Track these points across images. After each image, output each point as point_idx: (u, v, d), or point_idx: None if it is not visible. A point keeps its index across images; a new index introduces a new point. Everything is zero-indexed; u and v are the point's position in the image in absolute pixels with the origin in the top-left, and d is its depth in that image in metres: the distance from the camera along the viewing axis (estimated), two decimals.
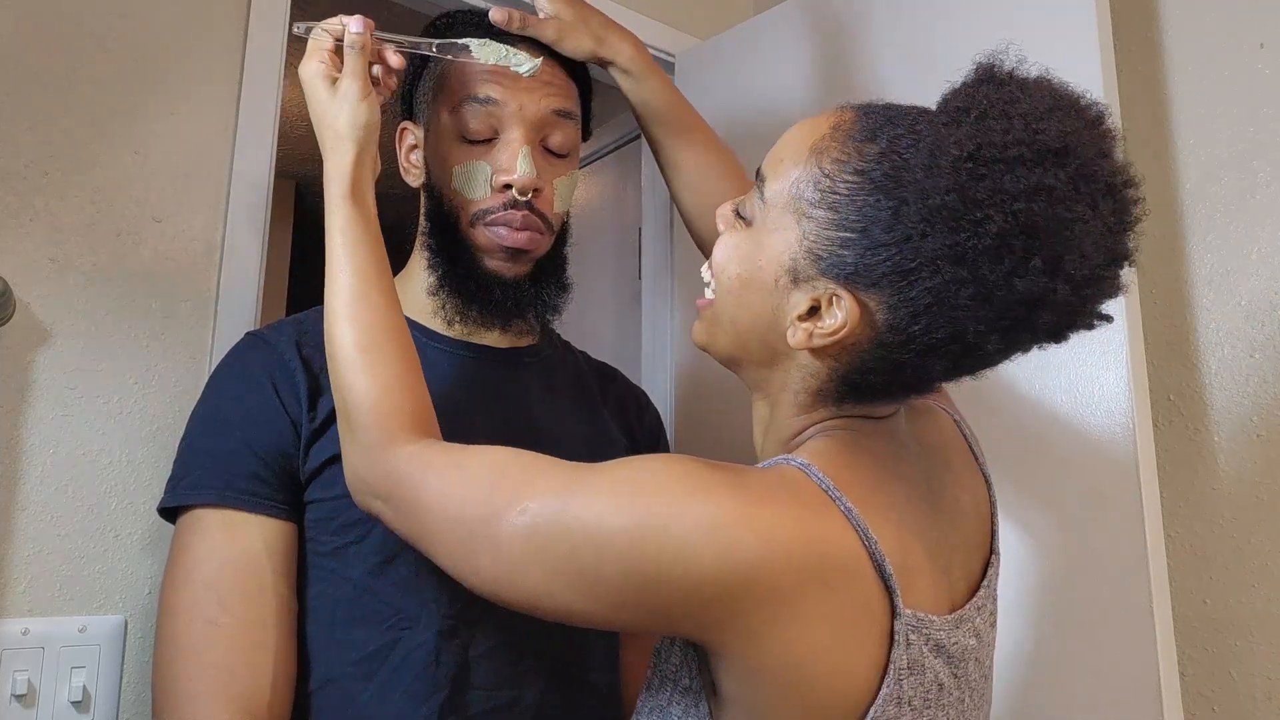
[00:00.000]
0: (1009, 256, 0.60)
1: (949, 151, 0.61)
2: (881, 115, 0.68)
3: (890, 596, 0.64)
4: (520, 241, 0.95)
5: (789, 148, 0.71)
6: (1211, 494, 1.18)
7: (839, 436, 0.71)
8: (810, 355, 0.70)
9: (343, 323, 0.79)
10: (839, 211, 0.66)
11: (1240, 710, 1.12)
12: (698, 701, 0.67)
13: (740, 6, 1.84)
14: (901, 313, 0.64)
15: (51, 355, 1.04)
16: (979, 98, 0.63)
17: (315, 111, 0.85)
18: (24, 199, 1.04)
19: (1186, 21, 1.27)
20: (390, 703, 0.85)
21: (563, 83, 0.99)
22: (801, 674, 0.62)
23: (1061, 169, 0.60)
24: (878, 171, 0.64)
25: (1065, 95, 0.64)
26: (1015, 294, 0.61)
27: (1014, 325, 0.64)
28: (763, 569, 0.60)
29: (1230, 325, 1.18)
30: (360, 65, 0.85)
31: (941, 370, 0.69)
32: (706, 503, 0.61)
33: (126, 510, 1.06)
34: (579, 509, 0.63)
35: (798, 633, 0.61)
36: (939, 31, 1.28)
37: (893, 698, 0.64)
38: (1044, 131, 0.61)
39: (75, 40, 1.09)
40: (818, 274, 0.67)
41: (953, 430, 0.83)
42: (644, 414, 1.15)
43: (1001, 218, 0.60)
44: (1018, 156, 0.60)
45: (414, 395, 0.78)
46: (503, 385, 1.00)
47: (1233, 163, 1.20)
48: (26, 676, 0.97)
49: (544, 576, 0.64)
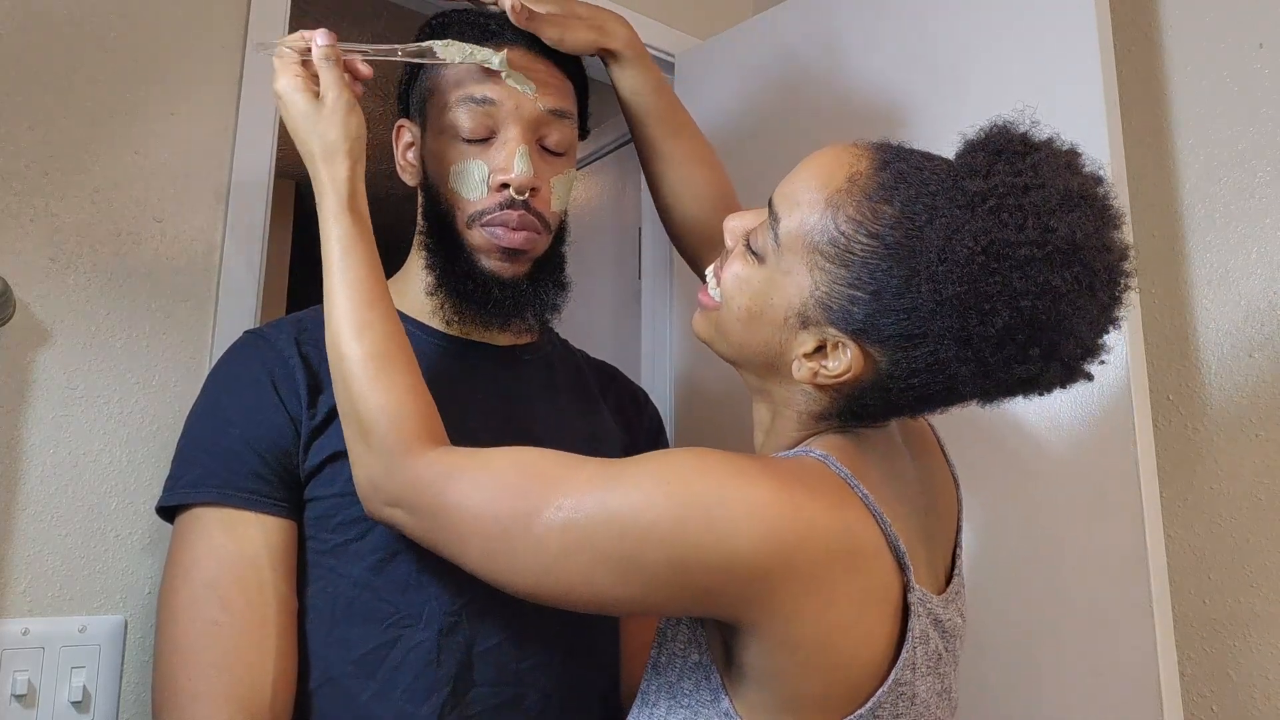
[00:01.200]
0: (1011, 346, 0.65)
1: (965, 243, 0.64)
2: (896, 171, 0.69)
3: (904, 573, 0.69)
4: (517, 242, 0.95)
5: (805, 191, 0.72)
6: (1211, 494, 1.18)
7: (847, 436, 0.75)
8: (813, 387, 0.74)
9: (349, 335, 0.80)
10: (852, 270, 0.69)
11: (1240, 710, 1.12)
12: (709, 674, 0.71)
13: (740, 6, 1.84)
14: (903, 367, 0.69)
15: (51, 355, 1.04)
16: (994, 181, 0.65)
17: (299, 125, 0.86)
18: (24, 199, 1.04)
19: (1186, 21, 1.27)
20: (391, 701, 0.85)
21: (559, 82, 0.99)
22: (829, 647, 0.66)
23: (1068, 269, 0.64)
24: (892, 238, 0.67)
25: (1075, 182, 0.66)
26: (1013, 375, 0.67)
27: (1006, 393, 0.70)
28: (799, 550, 0.64)
29: (1230, 325, 1.18)
30: (340, 76, 0.86)
31: (935, 408, 0.75)
32: (745, 488, 0.65)
33: (126, 510, 1.06)
34: (619, 500, 0.66)
35: (827, 609, 0.65)
36: (938, 32, 1.28)
37: (909, 663, 0.69)
38: (1055, 231, 0.64)
39: (75, 40, 1.09)
40: (826, 322, 0.70)
41: (931, 436, 0.87)
42: (643, 412, 1.15)
43: (1008, 313, 0.64)
44: (1029, 257, 0.63)
45: (426, 403, 0.79)
46: (502, 383, 1.00)
47: (1233, 163, 1.20)
48: (26, 676, 0.97)
49: (585, 567, 0.67)
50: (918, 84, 1.29)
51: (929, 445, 0.86)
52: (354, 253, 0.82)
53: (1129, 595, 1.01)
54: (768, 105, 1.51)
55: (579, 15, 1.02)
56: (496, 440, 0.77)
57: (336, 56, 0.86)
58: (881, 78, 1.34)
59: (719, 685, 0.70)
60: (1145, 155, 1.28)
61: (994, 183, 0.65)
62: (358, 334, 0.79)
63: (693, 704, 0.71)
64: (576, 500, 0.67)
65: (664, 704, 0.73)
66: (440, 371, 0.96)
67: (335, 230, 0.83)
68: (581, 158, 2.05)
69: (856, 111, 1.35)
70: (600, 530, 0.66)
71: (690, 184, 1.07)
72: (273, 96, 0.87)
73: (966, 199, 0.66)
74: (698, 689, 0.71)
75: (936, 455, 0.86)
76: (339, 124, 0.84)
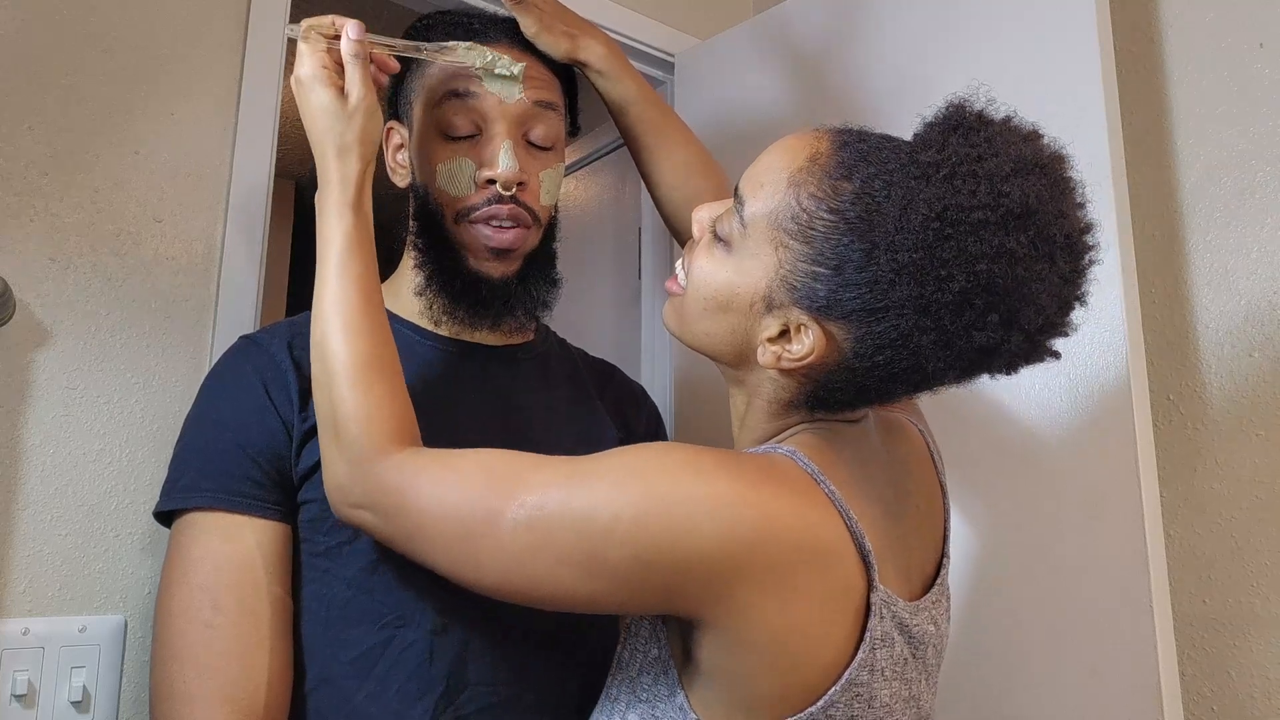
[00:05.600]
0: (969, 311, 0.65)
1: (919, 210, 0.65)
2: (855, 151, 0.70)
3: (868, 572, 0.69)
4: (506, 242, 0.95)
5: (768, 173, 0.73)
6: (1211, 494, 1.18)
7: (818, 434, 0.75)
8: (779, 373, 0.74)
9: (339, 335, 0.79)
10: (814, 246, 0.69)
11: (1240, 710, 1.12)
12: (667, 669, 0.71)
13: (740, 6, 1.84)
14: (867, 344, 0.69)
15: (51, 355, 1.04)
16: (948, 152, 0.66)
17: (318, 120, 0.83)
18: (24, 199, 1.04)
19: (1186, 21, 1.27)
20: (385, 701, 0.85)
21: (543, 75, 1.00)
22: (786, 647, 0.65)
23: (1023, 232, 0.64)
24: (852, 213, 0.68)
25: (1029, 150, 0.67)
26: (973, 343, 0.66)
27: (970, 366, 0.69)
28: (759, 546, 0.63)
29: (1230, 325, 1.18)
30: (367, 75, 0.85)
31: (903, 390, 0.74)
32: (707, 483, 0.64)
33: (126, 510, 1.06)
34: (581, 497, 0.66)
35: (786, 608, 0.65)
36: (938, 32, 1.28)
37: (866, 664, 0.68)
38: (1008, 195, 0.64)
39: (75, 40, 1.09)
40: (790, 303, 0.71)
41: (920, 443, 0.87)
42: (641, 409, 1.15)
43: (964, 277, 0.64)
44: (982, 220, 0.64)
45: (403, 407, 0.79)
46: (495, 383, 1.00)
47: (1233, 163, 1.20)
48: (26, 676, 0.97)
49: (549, 565, 0.66)
50: (917, 83, 1.28)
51: (919, 456, 0.85)
52: (354, 252, 0.82)
53: (1129, 595, 1.01)
54: (768, 105, 1.51)
55: (563, 21, 1.03)
56: (489, 441, 0.77)
57: (366, 53, 0.85)
58: (881, 77, 1.34)
59: (675, 680, 0.70)
60: (1145, 155, 1.28)
61: (948, 154, 0.66)
62: (347, 335, 0.79)
63: (650, 698, 0.72)
64: (539, 498, 0.67)
65: (624, 699, 0.74)
66: (431, 372, 0.96)
67: (338, 226, 0.82)
68: (581, 158, 2.05)
69: (856, 111, 1.35)
70: (562, 528, 0.66)
71: (686, 192, 1.08)
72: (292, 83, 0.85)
73: (921, 170, 0.67)
74: (656, 683, 0.72)
75: (926, 466, 0.85)
76: (359, 126, 0.83)
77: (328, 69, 0.84)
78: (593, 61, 1.06)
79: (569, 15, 1.06)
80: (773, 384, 0.75)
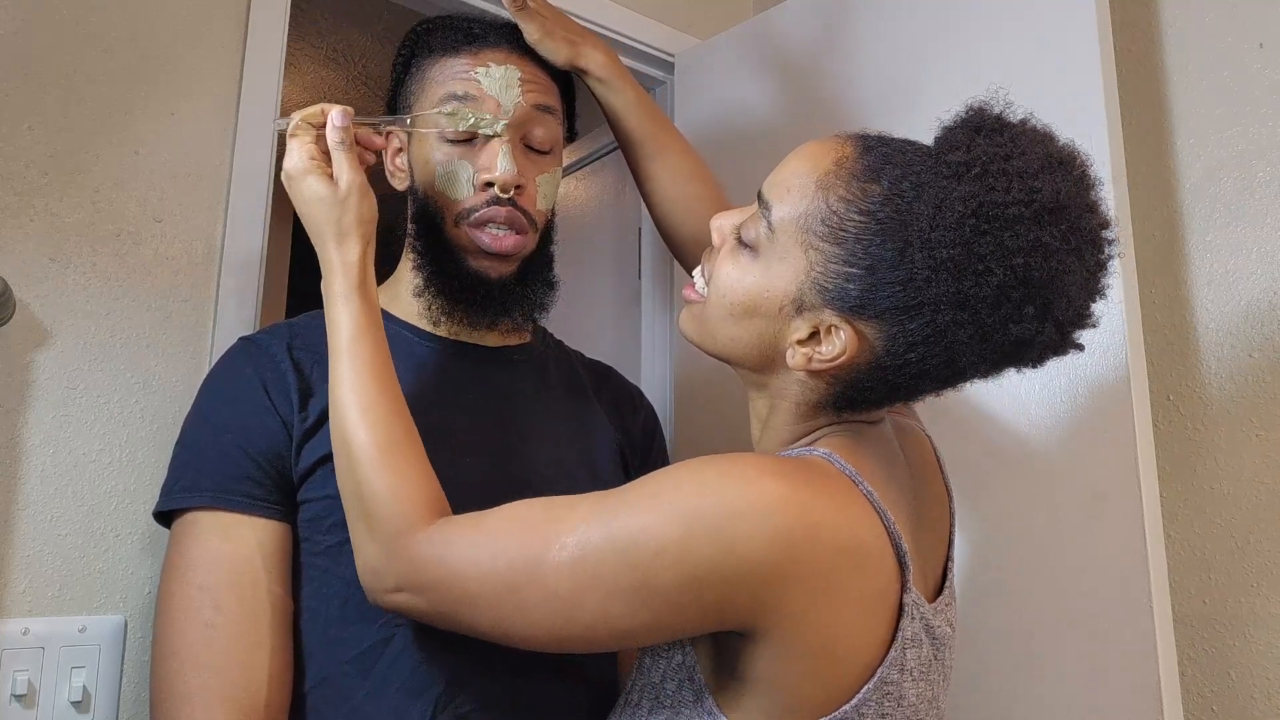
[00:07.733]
0: (1006, 304, 0.66)
1: (954, 208, 0.66)
2: (880, 154, 0.71)
3: (903, 573, 0.69)
4: (505, 247, 0.95)
5: (795, 177, 0.74)
6: (1211, 494, 1.18)
7: (848, 435, 0.75)
8: (808, 374, 0.74)
9: (356, 420, 0.78)
10: (846, 248, 0.70)
11: (1240, 710, 1.12)
12: (692, 675, 0.71)
13: (740, 6, 1.84)
14: (899, 342, 0.70)
15: (51, 355, 1.04)
16: (977, 152, 0.68)
17: (313, 209, 0.85)
18: (24, 199, 1.04)
19: (1186, 21, 1.27)
20: (385, 699, 0.85)
21: (541, 79, 1.01)
22: (833, 651, 0.66)
23: (1055, 226, 0.66)
24: (883, 214, 0.69)
25: (1053, 149, 0.69)
26: (1010, 336, 0.67)
27: (1001, 359, 0.71)
28: (806, 549, 0.64)
29: (1230, 325, 1.18)
30: (354, 160, 0.86)
31: (933, 387, 0.75)
32: (748, 491, 0.64)
33: (126, 510, 1.06)
34: (622, 527, 0.66)
35: (833, 611, 0.65)
36: (938, 32, 1.28)
37: (897, 663, 0.68)
38: (1039, 191, 0.66)
39: (75, 40, 1.09)
40: (821, 304, 0.71)
41: (927, 446, 0.88)
42: (638, 411, 1.15)
43: (1002, 271, 0.65)
44: (1017, 215, 0.65)
45: (428, 483, 0.78)
46: (492, 384, 1.00)
47: (1233, 163, 1.20)
48: (26, 676, 0.97)
49: (600, 602, 0.66)
50: (917, 83, 1.29)
51: (928, 460, 0.86)
52: (362, 337, 0.81)
53: (1129, 595, 1.01)
54: (768, 105, 1.51)
55: (563, 28, 1.04)
56: (486, 441, 0.77)
57: (350, 140, 0.86)
58: (881, 77, 1.34)
59: (703, 686, 0.70)
60: (1145, 155, 1.28)
61: (976, 154, 0.67)
62: (365, 419, 0.78)
63: (675, 704, 0.71)
64: (579, 536, 0.66)
65: (646, 704, 0.74)
66: (429, 373, 0.96)
67: (345, 311, 0.82)
68: (581, 158, 2.05)
69: (856, 111, 1.35)
70: (608, 561, 0.65)
71: (681, 200, 1.09)
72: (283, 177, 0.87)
73: (951, 170, 0.68)
74: (680, 690, 0.71)
75: (933, 469, 0.86)
76: (353, 208, 0.84)
77: (315, 159, 0.85)
78: (593, 69, 1.07)
79: (569, 23, 1.07)
80: (800, 386, 0.76)
